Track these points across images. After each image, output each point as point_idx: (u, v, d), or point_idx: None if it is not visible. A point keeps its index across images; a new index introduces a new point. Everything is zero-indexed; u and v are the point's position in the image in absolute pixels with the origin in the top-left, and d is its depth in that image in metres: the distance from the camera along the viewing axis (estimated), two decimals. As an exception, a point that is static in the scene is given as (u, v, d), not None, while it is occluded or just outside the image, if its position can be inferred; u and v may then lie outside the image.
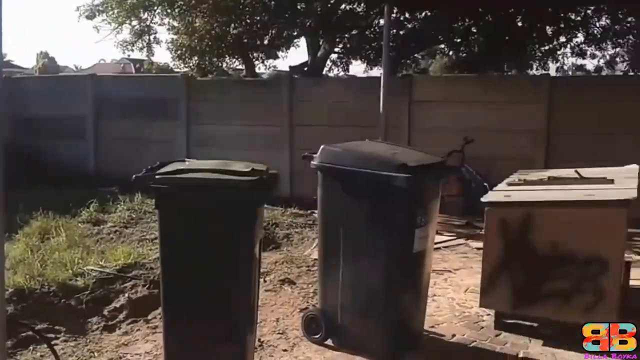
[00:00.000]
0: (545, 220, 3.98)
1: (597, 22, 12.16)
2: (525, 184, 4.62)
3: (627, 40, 12.09)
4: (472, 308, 4.71)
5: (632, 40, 12.03)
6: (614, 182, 4.34)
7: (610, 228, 3.82)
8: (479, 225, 6.62)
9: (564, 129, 8.36)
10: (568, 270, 3.94)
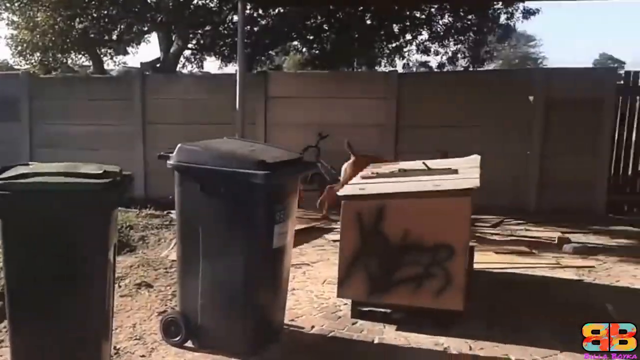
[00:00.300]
0: (397, 210, 4.18)
1: (440, 20, 12.96)
2: (379, 176, 4.83)
3: (468, 37, 13.00)
4: (330, 299, 4.83)
5: (472, 37, 12.95)
6: (458, 172, 4.66)
7: (456, 216, 4.10)
8: (335, 218, 6.83)
9: (412, 122, 8.85)
10: (419, 257, 4.17)
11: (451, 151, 8.42)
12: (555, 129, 8.43)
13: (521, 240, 6.98)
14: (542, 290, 5.25)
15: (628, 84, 8.43)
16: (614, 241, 7.07)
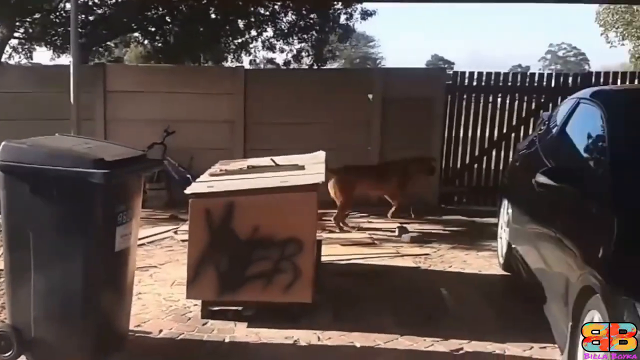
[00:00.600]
0: (246, 207, 4.14)
1: (284, 18, 13.12)
2: (227, 173, 4.75)
3: (311, 36, 13.29)
4: (179, 301, 4.69)
5: (316, 35, 13.26)
6: (304, 168, 4.72)
7: (303, 210, 4.15)
8: (184, 217, 6.64)
9: (259, 119, 8.84)
10: (269, 253, 4.17)
11: (298, 147, 8.59)
12: (392, 126, 8.83)
13: (365, 232, 7.26)
14: (383, 278, 5.50)
15: (455, 84, 9.06)
16: (446, 230, 7.59)
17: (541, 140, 5.11)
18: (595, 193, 3.30)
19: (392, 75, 9.07)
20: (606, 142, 3.57)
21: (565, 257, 3.36)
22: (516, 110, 9.04)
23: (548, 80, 9.07)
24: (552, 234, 3.75)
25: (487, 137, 9.20)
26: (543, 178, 3.55)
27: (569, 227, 3.52)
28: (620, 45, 19.52)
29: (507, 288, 5.36)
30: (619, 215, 3.00)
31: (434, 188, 9.02)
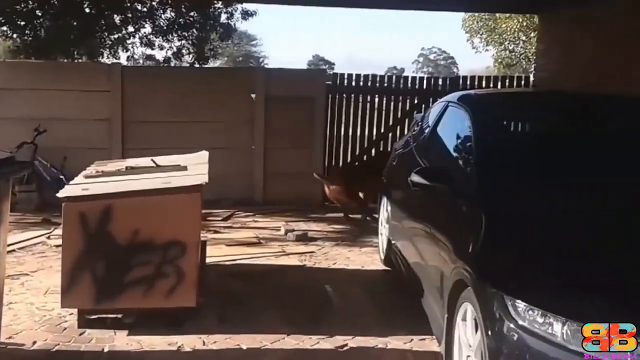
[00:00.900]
0: (126, 210, 3.97)
1: (163, 15, 12.75)
2: (104, 175, 4.53)
3: (192, 34, 13.01)
4: (53, 310, 4.41)
5: (196, 33, 13.00)
6: (187, 169, 4.60)
7: (186, 212, 4.04)
8: (57, 221, 6.27)
9: (139, 117, 8.52)
10: (150, 257, 4.02)
11: (181, 147, 8.37)
12: (276, 125, 8.84)
13: (250, 231, 7.21)
14: (270, 277, 5.48)
15: (335, 84, 9.23)
16: (330, 227, 7.69)
17: (415, 141, 5.32)
18: (464, 191, 3.47)
19: (274, 75, 9.08)
20: (473, 143, 3.77)
21: (440, 252, 3.52)
22: (392, 111, 9.35)
23: (420, 82, 9.47)
24: (427, 230, 3.91)
25: (367, 137, 9.44)
26: (417, 177, 3.69)
27: (442, 224, 3.68)
28: (485, 51, 20.76)
29: (388, 283, 5.52)
30: (486, 211, 3.17)
31: (317, 186, 9.12)
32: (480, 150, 3.66)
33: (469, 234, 3.13)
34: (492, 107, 4.40)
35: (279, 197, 8.88)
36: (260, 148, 8.91)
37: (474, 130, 3.85)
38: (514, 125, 4.31)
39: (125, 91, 8.47)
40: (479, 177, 3.46)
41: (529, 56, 19.57)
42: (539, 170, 3.47)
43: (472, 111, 4.07)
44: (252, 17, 13.07)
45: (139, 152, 8.21)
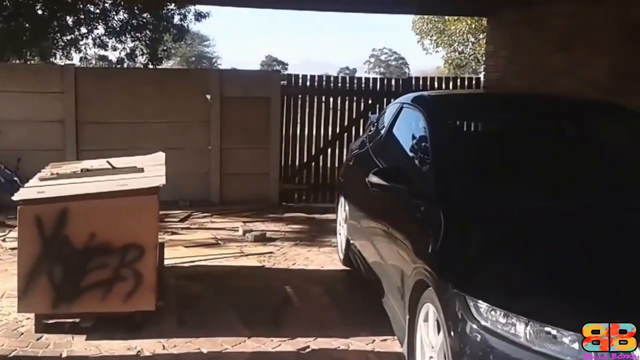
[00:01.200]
0: (82, 213, 3.86)
1: (116, 16, 12.47)
2: (59, 177, 4.39)
3: (145, 35, 12.75)
4: (9, 315, 4.26)
5: (150, 34, 12.75)
6: (144, 171, 4.50)
7: (144, 215, 3.95)
8: (12, 223, 6.07)
9: (93, 118, 8.30)
10: (107, 260, 3.92)
11: (136, 148, 8.20)
12: (232, 125, 8.75)
13: (208, 232, 7.12)
14: (229, 279, 5.42)
15: (290, 85, 9.19)
16: (288, 227, 7.66)
17: (371, 142, 5.33)
18: (422, 192, 3.49)
19: (229, 76, 9.00)
20: (429, 143, 3.80)
21: (400, 253, 3.53)
22: (347, 112, 9.38)
23: (374, 83, 9.52)
24: (386, 230, 3.92)
25: (323, 137, 9.44)
26: (375, 178, 3.68)
27: (402, 224, 3.70)
28: (435, 52, 21.02)
29: (349, 283, 5.51)
30: (445, 211, 3.19)
31: (273, 186, 9.08)
32: (436, 151, 3.69)
33: (429, 235, 3.15)
34: (445, 108, 4.44)
35: (236, 197, 8.80)
36: (216, 148, 8.80)
37: (429, 131, 3.87)
38: (468, 126, 4.39)
39: (79, 92, 8.24)
40: (436, 178, 3.49)
41: (479, 57, 19.94)
42: (495, 170, 3.52)
43: (427, 112, 4.10)
44: (205, 18, 12.93)
45: (94, 154, 7.98)
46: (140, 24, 12.42)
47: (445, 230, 3.06)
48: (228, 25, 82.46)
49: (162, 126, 8.56)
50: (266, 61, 58.92)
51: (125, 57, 12.91)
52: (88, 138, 8.30)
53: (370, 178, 3.71)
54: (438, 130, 3.87)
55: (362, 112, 9.31)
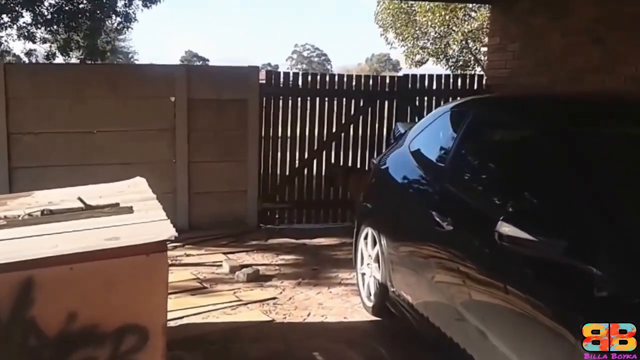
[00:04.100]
0: (55, 285, 2.68)
1: (46, 1, 11.02)
2: (9, 224, 3.16)
3: (82, 24, 11.32)
4: None
5: (87, 23, 11.32)
6: (133, 211, 3.35)
7: (147, 282, 2.82)
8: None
9: (29, 128, 7.02)
10: (94, 351, 2.76)
11: (85, 163, 7.05)
12: (202, 134, 7.64)
13: (187, 271, 5.98)
14: (236, 344, 4.39)
15: (270, 84, 8.11)
16: (280, 259, 6.63)
17: (422, 161, 4.33)
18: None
19: (198, 74, 7.85)
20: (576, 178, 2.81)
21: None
22: (336, 116, 8.36)
23: (366, 82, 8.53)
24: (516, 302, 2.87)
25: (307, 146, 8.40)
26: (516, 231, 2.62)
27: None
28: (400, 46, 20.30)
29: (388, 343, 4.50)
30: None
31: (251, 205, 7.99)
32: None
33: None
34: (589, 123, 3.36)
35: (208, 220, 7.69)
36: (183, 162, 7.64)
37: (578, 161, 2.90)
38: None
39: (10, 95, 6.91)
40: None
41: (448, 52, 19.45)
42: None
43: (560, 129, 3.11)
44: (155, 4, 11.62)
45: (31, 172, 6.85)
46: (75, 11, 10.93)
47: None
48: (143, 19, 79.59)
49: (115, 136, 7.36)
50: (186, 57, 57.93)
51: (57, 51, 11.42)
52: (23, 153, 6.99)
53: (502, 228, 2.68)
54: (594, 158, 2.90)
55: (352, 116, 8.34)
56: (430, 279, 3.77)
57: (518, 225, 2.62)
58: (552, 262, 2.60)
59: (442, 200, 3.72)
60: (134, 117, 7.41)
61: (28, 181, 6.45)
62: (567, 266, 2.54)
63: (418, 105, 8.54)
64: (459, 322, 3.38)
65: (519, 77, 7.99)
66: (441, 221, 3.51)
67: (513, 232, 2.63)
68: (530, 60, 7.86)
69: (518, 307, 2.81)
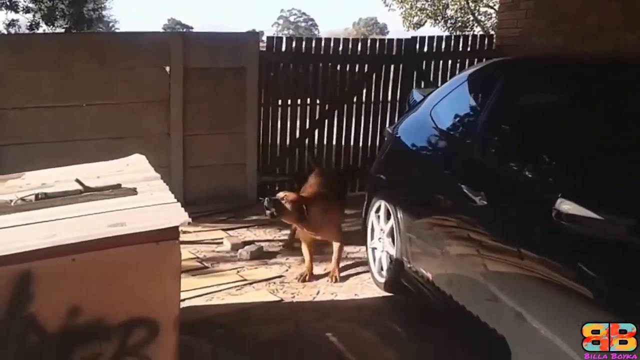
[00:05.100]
0: (55, 277, 2.51)
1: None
2: (0, 211, 2.96)
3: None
4: None
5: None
6: (137, 193, 3.16)
7: (157, 272, 2.64)
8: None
9: (13, 103, 6.70)
10: (99, 348, 2.60)
11: (74, 138, 6.81)
12: (198, 105, 7.38)
13: (185, 249, 5.79)
14: (245, 326, 4.24)
15: (271, 51, 7.82)
16: (282, 234, 6.43)
17: (443, 129, 4.13)
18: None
19: (194, 41, 7.50)
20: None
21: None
22: (339, 83, 8.12)
23: (372, 46, 8.24)
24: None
25: (309, 115, 8.16)
26: (581, 209, 2.43)
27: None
28: (398, 8, 19.97)
29: (404, 320, 4.36)
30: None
31: (250, 179, 7.79)
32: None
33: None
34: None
35: (204, 195, 7.45)
36: (178, 135, 7.38)
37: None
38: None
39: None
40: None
41: (444, 13, 19.16)
42: None
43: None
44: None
45: (17, 150, 6.56)
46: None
47: None
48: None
49: (105, 110, 7.06)
50: (169, 25, 57.27)
51: (41, 20, 11.05)
52: (7, 129, 6.71)
53: (562, 206, 2.50)
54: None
55: (356, 82, 8.11)
56: (455, 255, 3.61)
57: (580, 203, 2.45)
58: (617, 242, 2.44)
59: (472, 172, 3.54)
60: (124, 89, 7.11)
61: (15, 160, 6.18)
62: (634, 247, 2.37)
63: (425, 70, 8.28)
64: (490, 302, 3.23)
65: (531, 36, 7.76)
66: (472, 195, 3.33)
67: (575, 210, 2.46)
68: (545, 19, 7.62)
69: (569, 289, 2.66)
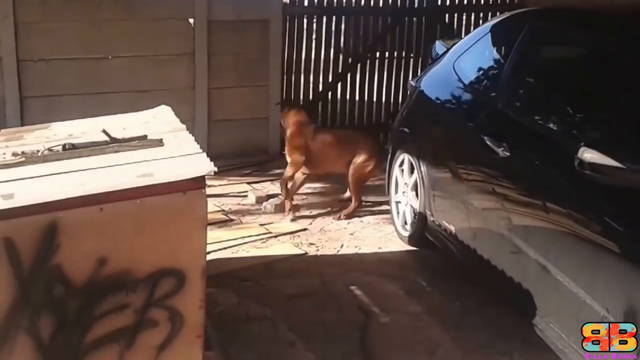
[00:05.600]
0: (82, 228, 2.45)
1: None
2: (29, 160, 2.89)
3: None
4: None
5: None
6: (163, 144, 3.08)
7: (184, 222, 2.58)
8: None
9: (39, 54, 6.49)
10: (126, 299, 2.55)
11: (99, 91, 6.72)
12: (222, 58, 7.22)
13: (211, 202, 5.72)
14: (269, 280, 4.23)
15: (293, 3, 7.61)
16: (305, 187, 6.28)
17: (470, 83, 3.98)
18: None
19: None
20: None
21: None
22: (362, 35, 7.91)
23: (395, 0, 8.00)
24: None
25: (332, 69, 7.99)
26: (605, 158, 2.34)
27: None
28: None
29: (429, 274, 4.31)
30: None
31: (273, 133, 7.68)
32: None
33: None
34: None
35: (228, 149, 7.29)
36: (203, 88, 7.24)
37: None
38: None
39: (19, 19, 6.49)
40: None
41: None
42: None
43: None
44: None
45: (43, 102, 6.50)
46: None
47: None
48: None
49: (130, 62, 6.91)
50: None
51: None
52: (34, 81, 6.59)
53: (585, 155, 2.40)
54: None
55: (379, 35, 7.88)
56: (479, 208, 3.53)
57: (603, 152, 2.34)
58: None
59: (496, 124, 3.42)
60: (150, 42, 6.96)
61: (40, 112, 6.16)
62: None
63: (448, 22, 8.03)
64: (514, 254, 3.15)
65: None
66: (495, 147, 3.22)
67: (598, 159, 2.35)
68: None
69: (594, 239, 2.57)
